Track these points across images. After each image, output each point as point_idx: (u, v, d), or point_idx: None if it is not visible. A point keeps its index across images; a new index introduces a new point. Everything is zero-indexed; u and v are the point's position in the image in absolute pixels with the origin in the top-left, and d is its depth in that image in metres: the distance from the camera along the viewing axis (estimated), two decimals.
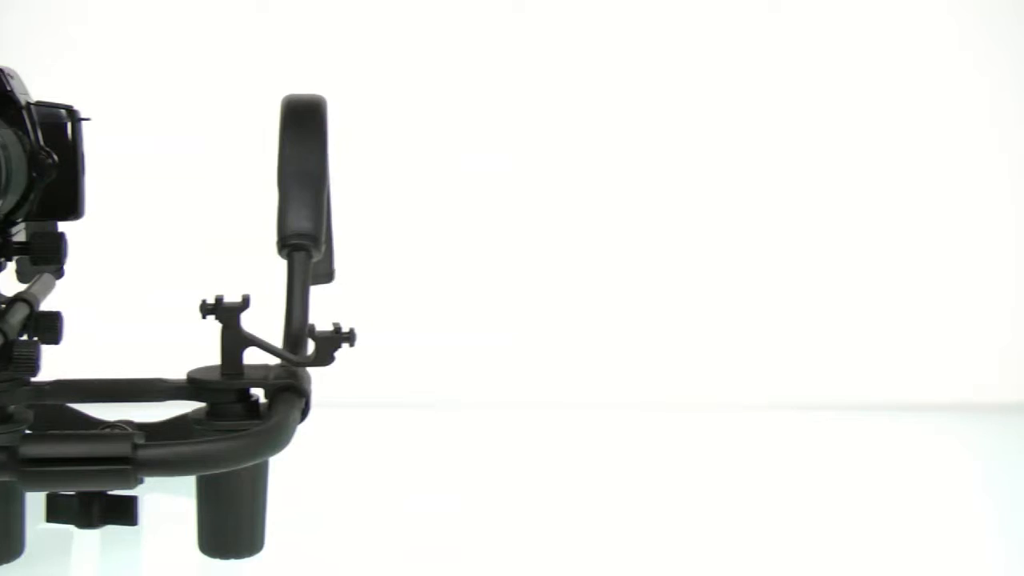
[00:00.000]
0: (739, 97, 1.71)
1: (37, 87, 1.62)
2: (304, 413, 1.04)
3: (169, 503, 1.16)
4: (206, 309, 1.04)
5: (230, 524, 1.05)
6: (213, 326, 1.05)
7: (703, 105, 1.71)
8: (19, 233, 1.06)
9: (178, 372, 1.08)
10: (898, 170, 1.72)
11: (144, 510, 1.09)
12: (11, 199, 1.00)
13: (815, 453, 1.51)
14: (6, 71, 1.05)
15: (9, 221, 1.04)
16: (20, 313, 1.00)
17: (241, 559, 1.06)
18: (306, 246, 1.10)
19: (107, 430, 1.05)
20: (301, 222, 1.11)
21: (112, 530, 1.03)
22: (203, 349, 1.09)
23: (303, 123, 1.15)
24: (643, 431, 1.59)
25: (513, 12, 1.69)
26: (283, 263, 1.12)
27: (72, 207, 1.08)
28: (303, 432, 1.07)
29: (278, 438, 0.97)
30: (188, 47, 1.67)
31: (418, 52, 1.69)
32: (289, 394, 1.03)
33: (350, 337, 1.06)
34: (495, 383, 1.68)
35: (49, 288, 1.10)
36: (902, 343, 1.73)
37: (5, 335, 0.96)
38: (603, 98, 1.70)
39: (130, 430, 1.02)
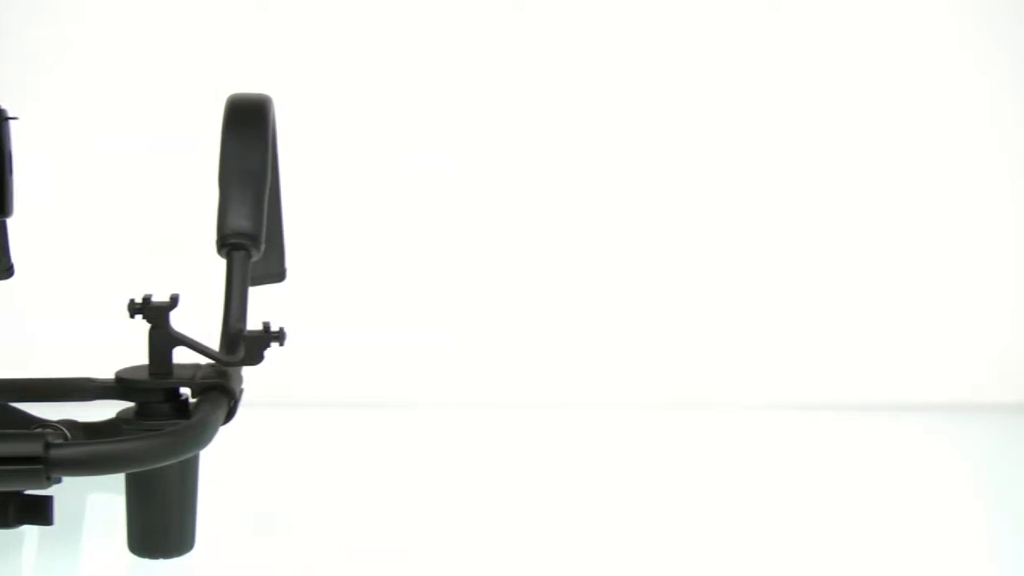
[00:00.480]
0: (738, 97, 1.70)
1: (33, 86, 1.65)
2: (231, 412, 1.04)
3: (101, 502, 1.17)
4: (134, 308, 1.04)
5: (158, 523, 1.05)
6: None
7: (700, 105, 1.70)
8: None
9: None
10: (898, 171, 1.71)
11: (77, 508, 1.10)
12: None
13: (815, 453, 1.51)
14: None
15: None
16: None
17: (170, 558, 1.06)
18: (245, 245, 1.09)
19: (39, 429, 1.03)
20: (240, 221, 1.09)
21: (44, 529, 1.03)
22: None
23: (246, 122, 1.13)
24: (612, 431, 1.59)
25: (513, 12, 1.70)
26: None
27: (0, 205, 1.09)
28: (241, 433, 1.08)
29: (196, 437, 0.96)
30: (143, 47, 1.68)
31: (397, 53, 1.69)
32: (215, 393, 1.03)
33: (280, 336, 1.06)
34: (450, 383, 1.69)
35: None
36: (902, 343, 1.72)
37: None
38: (597, 96, 1.70)
39: (59, 430, 1.01)
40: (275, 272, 1.19)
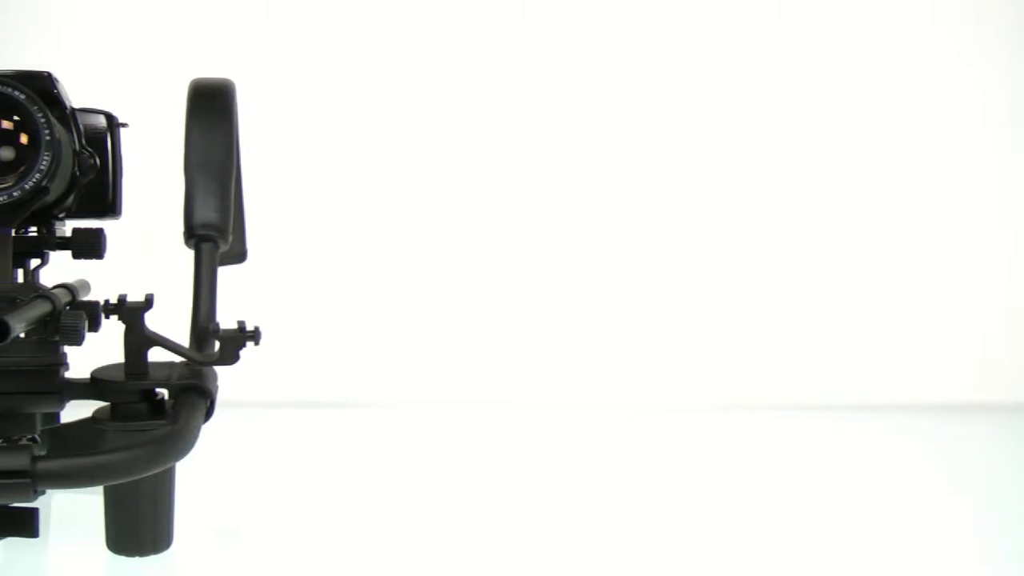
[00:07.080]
0: (736, 99, 1.70)
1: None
2: (209, 412, 1.03)
3: (80, 500, 1.17)
4: (108, 309, 1.04)
5: (136, 521, 1.05)
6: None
7: (701, 108, 1.70)
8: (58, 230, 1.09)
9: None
10: (898, 174, 1.71)
11: (56, 505, 1.10)
12: (56, 189, 1.01)
13: (813, 453, 1.51)
14: (53, 76, 1.05)
15: (50, 214, 1.06)
16: (64, 296, 1.01)
17: (147, 556, 1.06)
18: (212, 236, 1.08)
19: (20, 439, 1.02)
20: (207, 213, 1.09)
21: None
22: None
23: (210, 110, 1.12)
24: (606, 432, 1.60)
25: (516, 15, 1.70)
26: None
27: (112, 206, 1.11)
28: (221, 432, 1.08)
29: (180, 444, 0.95)
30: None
31: (400, 54, 1.70)
32: (192, 394, 1.02)
33: (255, 335, 1.05)
34: (447, 383, 1.70)
35: (87, 288, 1.11)
36: (900, 344, 1.72)
37: (53, 303, 0.95)
38: (599, 99, 1.70)
39: (30, 441, 1.01)
40: (236, 253, 1.17)
